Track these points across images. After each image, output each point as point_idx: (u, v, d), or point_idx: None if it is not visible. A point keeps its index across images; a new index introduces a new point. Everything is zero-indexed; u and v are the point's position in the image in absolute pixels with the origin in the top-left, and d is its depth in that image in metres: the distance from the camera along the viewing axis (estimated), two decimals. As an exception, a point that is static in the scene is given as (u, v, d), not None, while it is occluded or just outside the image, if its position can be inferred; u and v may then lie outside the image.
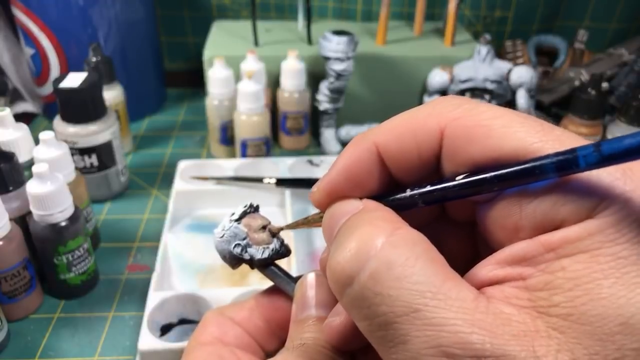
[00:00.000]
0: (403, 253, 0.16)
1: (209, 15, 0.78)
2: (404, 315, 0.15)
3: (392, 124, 0.19)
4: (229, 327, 0.23)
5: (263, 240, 0.24)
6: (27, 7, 0.62)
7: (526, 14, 0.76)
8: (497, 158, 0.16)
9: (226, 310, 0.24)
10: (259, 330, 0.24)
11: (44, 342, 0.41)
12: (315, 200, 0.21)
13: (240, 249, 0.23)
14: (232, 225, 0.24)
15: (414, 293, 0.15)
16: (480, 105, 0.17)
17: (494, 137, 0.16)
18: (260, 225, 0.24)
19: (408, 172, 0.19)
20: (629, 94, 0.58)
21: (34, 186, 0.39)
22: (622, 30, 0.77)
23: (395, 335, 0.15)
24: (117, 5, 0.64)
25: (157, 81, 0.75)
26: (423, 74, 0.65)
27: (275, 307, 0.24)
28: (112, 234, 0.52)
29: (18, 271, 0.40)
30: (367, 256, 0.16)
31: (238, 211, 0.24)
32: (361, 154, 0.19)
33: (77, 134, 0.51)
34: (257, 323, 0.24)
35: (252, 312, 0.24)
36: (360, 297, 0.16)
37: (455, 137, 0.17)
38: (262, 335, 0.24)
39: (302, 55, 0.62)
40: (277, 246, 0.24)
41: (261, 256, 0.23)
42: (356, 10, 0.77)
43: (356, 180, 0.19)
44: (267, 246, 0.24)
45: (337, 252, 0.17)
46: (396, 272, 0.15)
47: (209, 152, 0.65)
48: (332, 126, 0.65)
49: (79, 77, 0.51)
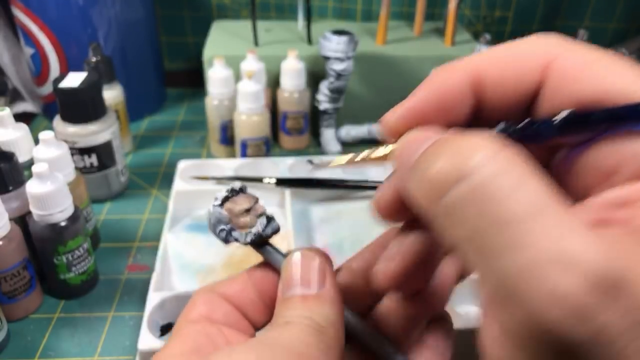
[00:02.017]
0: (517, 167, 0.14)
1: (208, 15, 0.78)
2: (528, 214, 0.13)
3: (495, 53, 0.18)
4: (217, 305, 0.23)
5: (246, 224, 0.24)
6: (27, 7, 0.62)
7: (526, 14, 0.76)
8: (603, 99, 0.16)
9: (217, 286, 0.24)
10: (251, 304, 0.24)
11: (44, 342, 0.41)
12: (390, 126, 0.19)
13: (225, 234, 0.23)
14: (216, 210, 0.24)
15: (538, 194, 0.14)
16: (583, 46, 0.17)
17: (601, 77, 0.16)
18: (243, 208, 0.24)
19: (499, 107, 0.18)
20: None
21: (34, 186, 0.39)
22: (621, 30, 0.77)
23: (511, 238, 0.13)
24: (117, 5, 0.64)
25: (157, 81, 0.75)
26: (423, 73, 0.65)
27: (268, 280, 0.24)
28: (112, 234, 0.52)
29: (18, 271, 0.40)
30: (474, 162, 0.14)
31: (220, 195, 0.24)
32: (458, 79, 0.18)
33: (77, 133, 0.51)
34: (250, 296, 0.24)
35: (245, 285, 0.24)
36: (467, 199, 0.14)
37: (560, 74, 0.17)
38: (254, 309, 0.24)
39: (302, 55, 0.62)
40: (261, 228, 0.23)
41: (245, 240, 0.23)
42: (356, 10, 0.77)
43: (445, 109, 0.18)
44: (250, 230, 0.23)
45: (429, 164, 0.16)
46: (513, 177, 0.14)
47: (209, 152, 0.65)
48: (332, 126, 0.65)
49: (78, 77, 0.51)
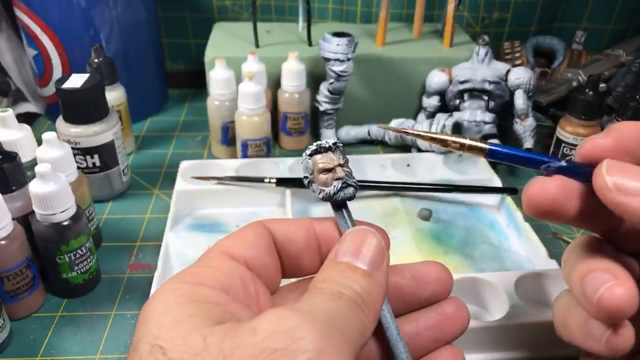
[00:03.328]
0: None
1: (210, 16, 0.78)
2: None
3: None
4: (263, 245, 0.24)
5: (323, 182, 0.25)
6: (29, 9, 0.62)
7: (524, 16, 0.76)
8: None
9: (274, 223, 0.25)
10: (298, 246, 0.25)
11: (46, 340, 0.41)
12: None
13: (307, 182, 0.25)
14: (306, 158, 0.25)
15: None
16: None
17: None
18: (324, 167, 0.25)
19: None
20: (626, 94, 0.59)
21: (37, 186, 0.39)
22: (619, 31, 0.77)
23: None
24: (119, 6, 0.64)
25: (158, 82, 0.75)
26: (422, 75, 0.66)
27: (330, 236, 0.25)
28: (114, 233, 0.52)
29: (21, 270, 0.41)
30: None
31: (312, 146, 0.25)
32: None
33: (79, 134, 0.52)
34: (302, 238, 0.25)
35: (301, 227, 0.25)
36: None
37: None
38: (299, 252, 0.25)
39: (303, 57, 0.62)
40: (333, 192, 0.24)
41: (317, 195, 0.25)
42: (356, 12, 0.77)
43: None
44: (324, 189, 0.25)
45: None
46: None
47: (210, 153, 0.66)
48: (332, 127, 0.66)
49: (81, 78, 0.52)
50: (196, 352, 0.17)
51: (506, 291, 0.41)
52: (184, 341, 0.18)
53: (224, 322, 0.19)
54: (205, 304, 0.20)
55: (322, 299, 0.20)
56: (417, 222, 0.53)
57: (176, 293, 0.20)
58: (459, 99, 0.63)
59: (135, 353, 0.18)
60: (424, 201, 0.55)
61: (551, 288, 0.43)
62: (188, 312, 0.19)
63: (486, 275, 0.42)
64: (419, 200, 0.55)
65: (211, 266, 0.22)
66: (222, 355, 0.17)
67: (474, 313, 0.43)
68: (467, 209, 0.55)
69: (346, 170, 0.25)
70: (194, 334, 0.18)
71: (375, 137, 0.66)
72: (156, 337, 0.18)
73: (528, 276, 0.42)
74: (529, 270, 0.43)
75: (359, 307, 0.20)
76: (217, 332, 0.18)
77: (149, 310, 0.20)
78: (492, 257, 0.48)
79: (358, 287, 0.21)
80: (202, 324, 0.18)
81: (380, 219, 0.52)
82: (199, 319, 0.19)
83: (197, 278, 0.21)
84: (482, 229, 0.52)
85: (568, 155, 0.57)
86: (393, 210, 0.54)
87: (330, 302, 0.20)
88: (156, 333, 0.18)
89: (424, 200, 0.55)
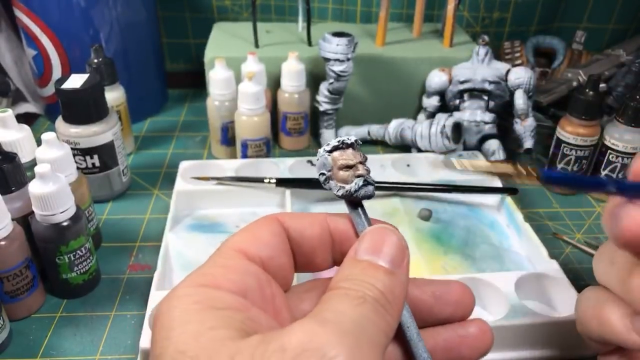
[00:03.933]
0: None
1: (209, 16, 0.78)
2: None
3: None
4: (279, 244, 0.23)
5: (343, 179, 0.24)
6: (29, 9, 0.62)
7: (524, 15, 0.76)
8: None
9: (290, 217, 0.25)
10: (313, 244, 0.24)
11: (46, 341, 0.41)
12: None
13: (324, 179, 0.24)
14: (323, 155, 0.24)
15: None
16: None
17: None
18: (346, 163, 0.24)
19: None
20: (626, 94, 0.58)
21: (36, 186, 0.39)
22: (619, 31, 0.77)
23: None
24: (118, 6, 0.64)
25: (158, 82, 0.75)
26: (422, 75, 0.65)
27: (345, 234, 0.25)
28: (113, 233, 0.52)
29: (20, 271, 0.40)
30: None
31: (332, 143, 0.24)
32: None
33: (79, 134, 0.52)
34: (317, 235, 0.24)
35: (316, 224, 0.24)
36: None
37: None
38: (313, 249, 0.24)
39: (302, 57, 0.62)
40: (354, 189, 0.24)
41: (336, 192, 0.24)
42: (356, 12, 0.77)
43: None
44: (344, 186, 0.24)
45: None
46: None
47: (210, 153, 0.66)
48: (332, 127, 0.66)
49: (80, 78, 0.52)
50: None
51: (506, 291, 0.40)
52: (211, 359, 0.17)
53: (246, 330, 0.19)
54: (224, 310, 0.19)
55: (347, 305, 0.20)
56: (417, 222, 0.53)
57: (193, 299, 0.19)
58: (459, 99, 0.63)
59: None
60: (424, 201, 0.55)
61: (551, 288, 0.43)
62: (209, 323, 0.18)
63: (486, 276, 0.42)
64: (419, 200, 0.55)
65: (226, 266, 0.21)
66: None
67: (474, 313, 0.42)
68: (467, 209, 0.55)
69: (366, 169, 0.24)
70: (220, 353, 0.17)
71: (375, 137, 0.66)
72: (181, 352, 0.18)
73: (528, 276, 0.42)
74: (529, 271, 0.43)
75: (382, 308, 0.20)
76: (245, 350, 0.17)
77: (167, 319, 0.19)
78: (492, 257, 0.48)
79: (381, 285, 0.20)
80: (226, 336, 0.18)
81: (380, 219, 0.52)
82: (221, 331, 0.18)
83: (213, 280, 0.20)
84: (483, 229, 0.52)
85: (568, 156, 0.57)
86: (393, 210, 0.54)
87: (355, 307, 0.19)
88: (180, 347, 0.18)
89: (424, 200, 0.55)
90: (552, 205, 0.57)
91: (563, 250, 0.51)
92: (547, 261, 0.45)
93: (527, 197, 0.58)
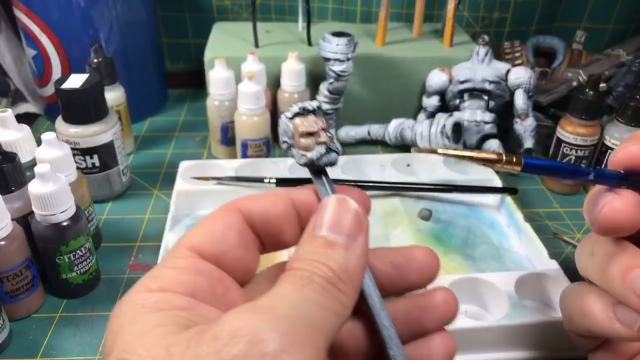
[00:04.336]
0: None
1: (209, 16, 0.78)
2: None
3: None
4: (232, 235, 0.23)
5: (305, 146, 0.23)
6: (29, 9, 0.62)
7: (524, 15, 0.76)
8: None
9: (244, 202, 0.24)
10: (277, 221, 0.24)
11: (46, 341, 0.41)
12: None
13: (287, 146, 0.24)
14: (284, 122, 0.24)
15: None
16: None
17: None
18: (306, 130, 0.23)
19: None
20: (626, 94, 0.58)
21: (36, 186, 0.39)
22: (620, 31, 0.77)
23: None
24: (118, 6, 0.64)
25: (158, 82, 0.75)
26: (422, 74, 0.65)
27: (309, 206, 0.24)
28: (113, 233, 0.52)
29: (20, 271, 0.40)
30: None
31: (293, 109, 0.24)
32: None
33: (78, 134, 0.52)
34: (279, 213, 0.24)
35: (276, 202, 0.24)
36: None
37: None
38: (278, 228, 0.24)
39: (302, 56, 0.62)
40: (316, 156, 0.23)
41: (298, 160, 0.23)
42: (356, 12, 0.77)
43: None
44: (305, 154, 0.23)
45: None
46: None
47: (210, 153, 0.66)
48: (331, 127, 0.66)
49: (80, 78, 0.52)
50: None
51: (506, 291, 0.40)
52: (149, 352, 0.18)
53: (191, 326, 0.19)
54: (170, 311, 0.20)
55: (290, 288, 0.19)
56: (417, 222, 0.53)
57: (141, 304, 0.20)
58: (459, 98, 0.63)
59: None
60: (424, 201, 0.55)
61: (551, 288, 0.43)
62: (153, 323, 0.19)
63: (486, 276, 0.42)
64: (419, 200, 0.55)
65: (176, 268, 0.21)
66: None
67: (474, 313, 0.43)
68: (467, 209, 0.55)
69: (329, 135, 0.24)
70: (158, 345, 0.18)
71: (375, 137, 0.66)
72: (123, 351, 0.18)
73: (528, 276, 0.42)
74: (529, 271, 0.43)
75: (334, 286, 0.20)
76: (182, 341, 0.18)
77: (116, 324, 0.20)
78: (492, 257, 0.48)
79: (334, 263, 0.20)
80: (168, 332, 0.18)
81: (380, 219, 0.52)
82: (164, 328, 0.19)
83: (160, 284, 0.21)
84: (483, 229, 0.52)
85: (568, 155, 0.57)
86: (393, 210, 0.54)
87: (298, 290, 0.19)
88: (123, 347, 0.18)
89: (424, 200, 0.55)
90: (552, 205, 0.57)
91: (563, 250, 0.51)
92: (547, 261, 0.45)
93: (527, 197, 0.58)
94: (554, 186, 0.60)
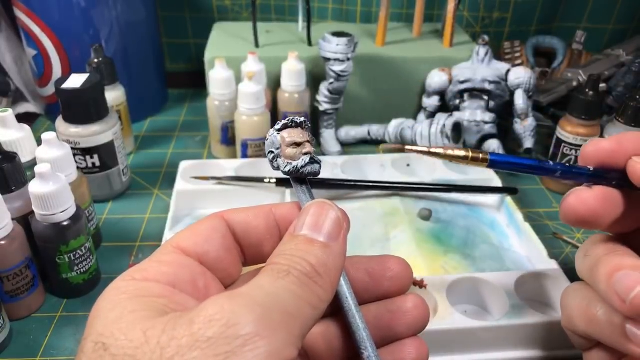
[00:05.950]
0: None
1: (209, 16, 0.78)
2: None
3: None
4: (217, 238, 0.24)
5: (291, 156, 0.25)
6: (29, 9, 0.62)
7: (525, 15, 0.76)
8: None
9: (230, 213, 0.25)
10: (259, 233, 0.25)
11: (46, 340, 0.41)
12: None
13: (272, 157, 0.25)
14: (273, 134, 0.25)
15: None
16: None
17: None
18: (294, 141, 0.25)
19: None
20: (626, 94, 0.59)
21: (37, 186, 0.39)
22: (619, 31, 0.77)
23: None
24: (118, 6, 0.64)
25: (158, 82, 0.75)
26: (422, 75, 0.66)
27: (291, 217, 0.25)
28: (114, 233, 0.52)
29: (20, 270, 0.41)
30: None
31: (282, 122, 0.25)
32: None
33: (79, 134, 0.52)
34: (261, 226, 0.25)
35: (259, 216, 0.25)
36: None
37: None
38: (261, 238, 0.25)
39: (302, 57, 0.62)
40: (300, 165, 0.25)
41: (283, 168, 0.25)
42: (356, 12, 0.77)
43: None
44: (291, 162, 0.25)
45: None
46: None
47: (210, 153, 0.66)
48: (332, 126, 0.66)
49: (81, 78, 0.52)
50: (136, 345, 0.18)
51: (506, 291, 0.40)
52: (126, 336, 0.18)
53: (168, 312, 0.19)
54: (148, 297, 0.20)
55: (268, 279, 0.20)
56: (417, 222, 0.53)
57: (121, 291, 0.20)
58: (459, 98, 0.63)
59: (81, 352, 0.19)
60: (424, 201, 0.55)
61: (551, 288, 0.43)
62: (130, 308, 0.19)
63: (486, 275, 0.42)
64: (419, 200, 0.55)
65: (160, 261, 0.22)
66: (159, 347, 0.17)
67: (474, 313, 0.43)
68: (467, 209, 0.55)
69: (313, 149, 0.25)
70: (135, 328, 0.18)
71: (375, 137, 0.66)
72: (100, 335, 0.19)
73: (528, 276, 0.42)
74: (529, 270, 0.43)
75: (311, 280, 0.20)
76: (158, 325, 0.18)
77: (96, 309, 0.20)
78: (492, 257, 0.48)
79: (313, 258, 0.21)
80: (145, 317, 0.19)
81: (380, 219, 0.52)
82: (141, 313, 0.19)
83: (144, 274, 0.21)
84: (482, 229, 0.52)
85: (568, 155, 0.57)
86: (393, 210, 0.54)
87: (275, 280, 0.20)
88: (100, 331, 0.19)
89: (424, 200, 0.55)
90: (552, 205, 0.57)
91: (563, 250, 0.51)
92: (547, 261, 0.45)
93: (527, 197, 0.58)
94: (553, 186, 0.60)
